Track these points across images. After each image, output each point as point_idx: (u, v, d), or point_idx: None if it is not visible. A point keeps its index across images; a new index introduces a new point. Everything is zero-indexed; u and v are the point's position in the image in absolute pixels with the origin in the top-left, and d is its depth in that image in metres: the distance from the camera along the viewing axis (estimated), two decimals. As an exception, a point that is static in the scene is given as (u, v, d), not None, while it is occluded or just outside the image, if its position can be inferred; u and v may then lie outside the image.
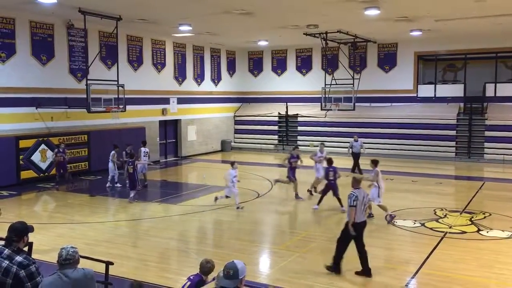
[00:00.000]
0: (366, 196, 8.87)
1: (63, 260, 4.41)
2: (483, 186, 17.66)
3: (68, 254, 4.42)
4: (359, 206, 8.52)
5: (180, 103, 25.37)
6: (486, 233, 11.40)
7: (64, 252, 4.43)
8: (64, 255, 4.41)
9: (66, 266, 4.40)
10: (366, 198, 8.84)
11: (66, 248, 4.48)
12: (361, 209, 8.57)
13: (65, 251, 4.44)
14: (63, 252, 4.43)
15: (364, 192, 8.84)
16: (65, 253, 4.42)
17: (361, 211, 8.59)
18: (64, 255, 4.41)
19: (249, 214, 13.96)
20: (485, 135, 24.02)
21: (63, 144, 17.69)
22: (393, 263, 9.51)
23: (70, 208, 14.29)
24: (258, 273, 8.98)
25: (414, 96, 25.91)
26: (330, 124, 26.97)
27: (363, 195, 8.73)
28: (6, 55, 17.17)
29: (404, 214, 13.25)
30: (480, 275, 8.73)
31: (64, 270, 4.39)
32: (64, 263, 4.40)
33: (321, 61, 27.50)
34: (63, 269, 4.40)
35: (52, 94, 18.60)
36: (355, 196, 8.51)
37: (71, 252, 4.44)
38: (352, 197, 8.52)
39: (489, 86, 24.54)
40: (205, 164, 23.90)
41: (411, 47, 25.50)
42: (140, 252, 10.20)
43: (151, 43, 23.43)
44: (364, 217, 8.81)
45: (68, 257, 4.41)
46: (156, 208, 14.47)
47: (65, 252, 4.43)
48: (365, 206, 8.88)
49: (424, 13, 17.68)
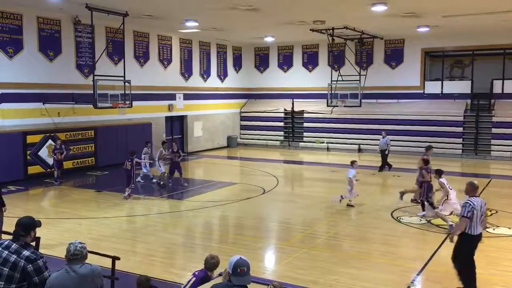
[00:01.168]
0: (484, 205, 7.83)
1: (71, 255, 4.46)
2: (490, 183, 17.58)
3: (76, 250, 4.47)
4: (476, 217, 7.49)
5: (186, 99, 25.40)
6: (493, 230, 11.35)
7: (72, 248, 4.48)
8: (72, 250, 4.46)
9: (74, 262, 4.46)
10: (484, 207, 7.80)
11: (74, 243, 4.52)
12: (477, 220, 7.53)
13: (73, 246, 4.49)
14: (71, 247, 4.48)
15: (481, 201, 7.77)
16: (73, 249, 4.47)
17: (478, 222, 7.55)
18: (72, 250, 4.46)
19: (255, 210, 13.99)
20: (492, 132, 23.90)
21: (60, 140, 17.50)
22: (399, 260, 9.50)
23: (76, 203, 14.37)
24: (263, 269, 9.00)
25: (421, 92, 25.80)
26: (336, 120, 26.92)
27: (481, 204, 7.68)
28: (13, 50, 17.26)
29: (410, 211, 13.22)
30: (486, 272, 8.69)
31: (72, 265, 4.44)
32: (72, 258, 4.46)
33: (328, 57, 27.43)
34: (71, 264, 4.45)
35: (59, 89, 18.68)
36: (472, 206, 7.46)
37: (79, 247, 4.49)
38: (467, 207, 7.47)
39: (496, 83, 24.39)
40: (211, 160, 23.94)
41: (418, 44, 25.38)
42: (146, 247, 10.24)
43: (157, 39, 23.46)
44: (481, 229, 7.70)
45: (76, 253, 4.46)
46: (162, 204, 14.53)
47: (73, 247, 4.48)
48: (483, 216, 7.78)
49: (432, 9, 17.58)
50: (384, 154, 20.00)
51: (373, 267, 9.01)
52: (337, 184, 16.79)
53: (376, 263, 9.24)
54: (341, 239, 10.92)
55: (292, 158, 24.91)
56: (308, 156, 25.25)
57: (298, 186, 18.68)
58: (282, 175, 19.82)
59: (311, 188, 17.48)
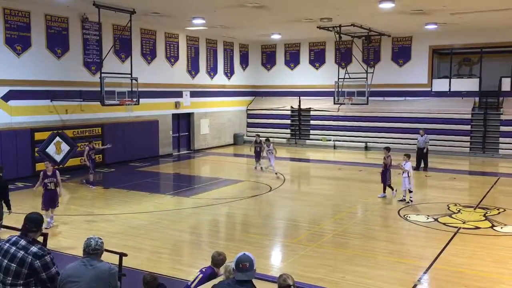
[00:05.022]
0: None
1: (92, 249, 4.52)
2: (498, 181, 17.48)
3: (97, 244, 4.54)
4: None
5: (193, 97, 25.43)
6: (500, 229, 11.29)
7: (93, 242, 4.53)
8: (93, 245, 4.52)
9: (92, 256, 4.51)
10: None
11: (94, 238, 4.58)
12: None
13: (94, 241, 4.55)
14: (92, 242, 4.54)
15: None
16: (94, 243, 4.53)
17: None
18: (93, 245, 4.52)
19: (261, 207, 14.00)
20: (500, 130, 23.72)
21: (93, 141, 17.08)
22: (405, 258, 9.47)
23: (84, 200, 14.45)
24: (269, 266, 9.01)
25: (428, 90, 25.66)
26: (343, 118, 26.84)
27: None
28: (21, 48, 17.34)
29: (417, 209, 13.18)
30: (493, 271, 8.66)
31: (90, 260, 4.49)
32: (92, 252, 4.52)
33: (335, 55, 27.35)
34: (89, 258, 4.50)
35: (67, 87, 18.76)
36: None
37: (99, 243, 4.57)
38: None
39: (505, 81, 24.21)
40: (218, 157, 23.97)
41: (426, 41, 25.23)
42: (153, 244, 10.27)
43: (164, 36, 23.48)
44: None
45: (97, 247, 4.54)
46: (169, 201, 14.57)
47: (94, 242, 4.54)
48: None
49: (439, 6, 17.47)
50: (423, 152, 19.83)
51: (379, 265, 8.99)
52: (344, 182, 16.78)
53: (383, 261, 9.22)
54: (348, 237, 10.90)
55: (299, 156, 24.88)
56: (314, 154, 25.21)
57: (304, 184, 18.65)
58: (288, 172, 19.79)
59: (318, 186, 17.45)
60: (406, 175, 13.81)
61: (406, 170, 13.82)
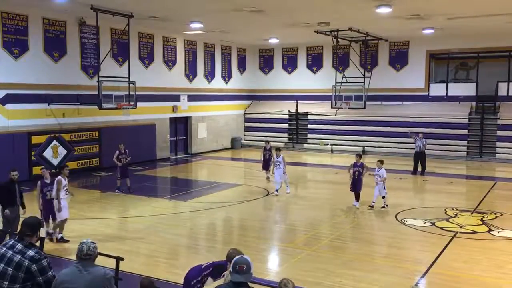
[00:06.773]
0: None
1: (84, 255, 4.41)
2: (495, 186, 17.51)
3: (89, 249, 4.43)
4: None
5: (191, 100, 25.43)
6: (497, 233, 11.31)
7: (85, 247, 4.43)
8: (85, 250, 4.42)
9: (86, 261, 4.42)
10: None
11: (87, 242, 4.47)
12: None
13: (85, 246, 4.44)
14: (84, 246, 4.43)
15: None
16: (86, 248, 4.42)
17: None
18: (85, 250, 4.42)
19: (259, 211, 13.98)
20: (497, 134, 23.80)
21: (124, 145, 16.10)
22: (402, 262, 9.48)
23: (81, 204, 14.39)
24: (267, 270, 9.00)
25: (425, 94, 25.73)
26: (340, 122, 26.88)
27: None
28: (19, 51, 17.33)
29: (414, 213, 13.19)
30: (491, 276, 8.67)
31: (84, 265, 4.41)
32: (84, 258, 4.42)
33: (332, 59, 27.42)
34: (83, 263, 4.42)
35: (64, 90, 18.75)
36: None
37: (91, 247, 4.46)
38: None
39: (501, 85, 24.29)
40: (215, 161, 23.95)
41: (423, 46, 25.30)
42: (150, 248, 10.25)
43: (162, 40, 23.50)
44: None
45: (89, 252, 4.43)
46: (166, 205, 14.54)
47: (86, 247, 4.43)
48: None
49: (437, 11, 17.54)
50: (421, 156, 19.82)
51: (377, 269, 8.98)
52: (341, 186, 16.73)
53: (380, 265, 9.22)
54: (345, 241, 10.90)
55: (296, 159, 24.85)
56: (312, 158, 25.22)
57: (302, 187, 18.63)
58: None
59: (315, 190, 17.47)
60: (381, 182, 13.59)
61: (384, 178, 13.51)
